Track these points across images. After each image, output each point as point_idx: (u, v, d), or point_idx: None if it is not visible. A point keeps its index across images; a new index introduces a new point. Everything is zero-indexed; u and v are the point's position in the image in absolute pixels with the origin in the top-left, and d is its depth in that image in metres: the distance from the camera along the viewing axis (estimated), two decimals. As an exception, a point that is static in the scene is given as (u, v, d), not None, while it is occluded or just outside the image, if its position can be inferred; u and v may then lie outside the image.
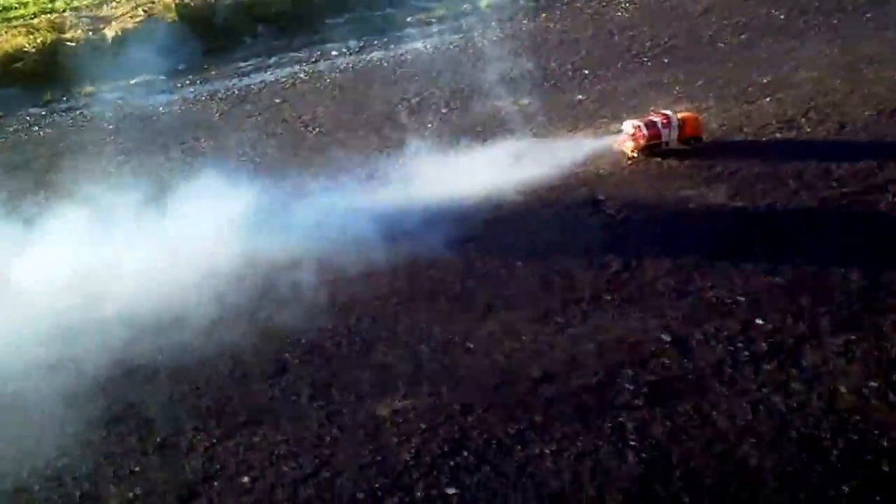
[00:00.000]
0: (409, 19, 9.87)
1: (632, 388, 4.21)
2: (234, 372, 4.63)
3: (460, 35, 9.26)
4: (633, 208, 5.67)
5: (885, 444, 3.74)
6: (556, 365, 4.41)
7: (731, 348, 4.38)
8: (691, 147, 6.29)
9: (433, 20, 9.80)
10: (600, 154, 6.32)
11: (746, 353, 4.34)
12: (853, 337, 4.36)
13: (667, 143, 6.28)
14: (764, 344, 4.39)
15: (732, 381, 4.18)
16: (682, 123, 6.29)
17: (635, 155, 6.28)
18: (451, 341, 4.68)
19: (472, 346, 4.63)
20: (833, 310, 4.57)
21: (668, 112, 6.33)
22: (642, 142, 6.26)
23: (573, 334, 4.62)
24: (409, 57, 8.81)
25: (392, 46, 9.19)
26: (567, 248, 5.35)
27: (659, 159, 6.19)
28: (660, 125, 6.26)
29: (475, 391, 4.30)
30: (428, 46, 9.03)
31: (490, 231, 5.62)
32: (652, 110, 6.49)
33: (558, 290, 4.98)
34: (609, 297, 4.87)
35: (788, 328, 4.48)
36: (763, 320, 4.56)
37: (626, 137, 6.33)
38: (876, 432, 3.80)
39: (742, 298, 4.73)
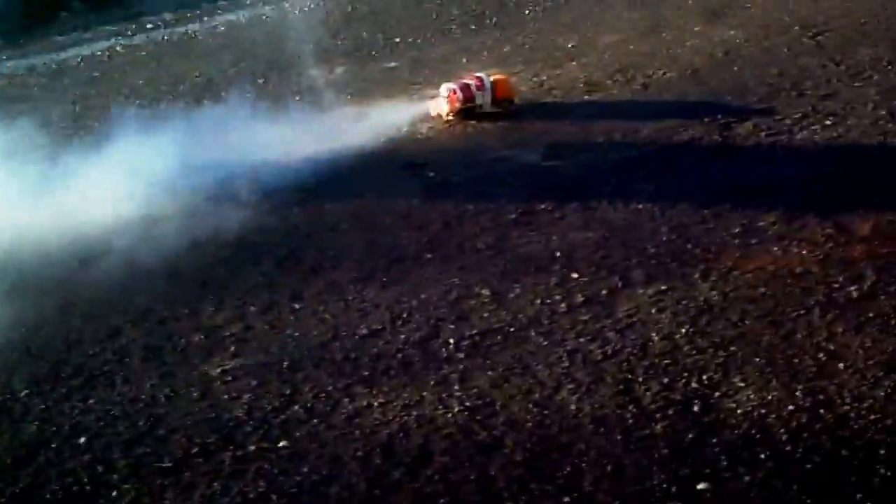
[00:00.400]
0: (223, -9, 9.79)
1: (454, 341, 4.32)
2: (67, 336, 4.59)
3: (272, 6, 9.22)
4: (450, 171, 5.80)
5: (695, 385, 3.95)
6: (381, 322, 4.49)
7: (549, 301, 4.53)
8: (505, 110, 6.41)
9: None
10: (416, 119, 6.40)
11: (563, 305, 4.50)
12: (663, 287, 4.57)
13: (481, 106, 6.42)
14: (580, 296, 4.55)
15: (550, 332, 4.32)
16: (495, 86, 6.42)
17: (451, 118, 6.38)
18: (278, 303, 4.72)
19: (298, 306, 4.68)
20: (644, 262, 4.77)
21: (482, 75, 6.45)
22: (458, 104, 6.39)
23: (397, 292, 4.70)
24: (223, 29, 8.76)
25: (206, 19, 9.12)
26: (389, 211, 5.43)
27: (474, 122, 6.32)
28: (473, 88, 6.39)
29: (303, 349, 4.36)
30: (242, 18, 9.00)
31: (314, 196, 5.67)
32: (466, 74, 6.60)
33: (382, 251, 5.07)
34: (430, 256, 4.98)
35: (602, 280, 4.65)
36: (578, 273, 4.72)
37: (441, 100, 6.43)
38: (685, 375, 4.00)
39: (558, 254, 4.89)
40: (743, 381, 3.95)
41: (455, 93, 6.38)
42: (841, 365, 4.00)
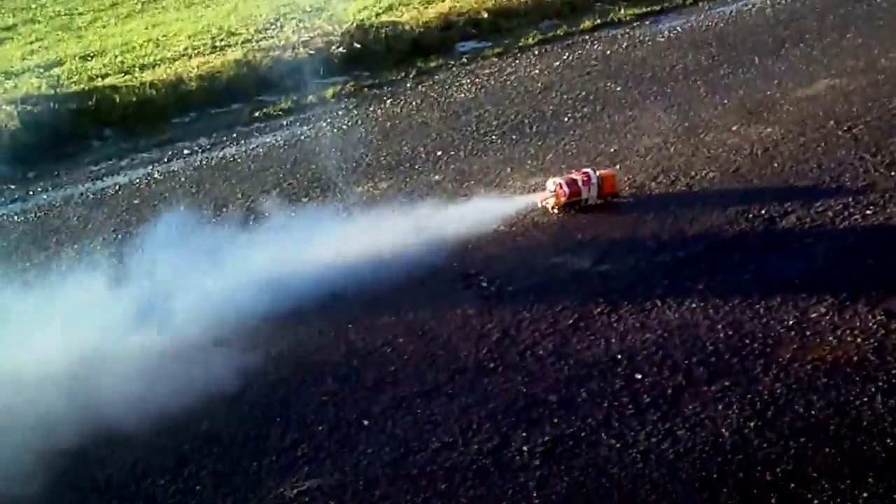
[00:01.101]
0: (255, 114, 9.97)
1: (527, 449, 4.42)
2: (134, 468, 4.69)
3: (309, 126, 9.42)
4: (503, 279, 5.91)
5: (770, 478, 4.04)
6: (452, 434, 4.59)
7: (616, 403, 4.64)
8: (608, 202, 6.76)
9: (280, 113, 9.93)
10: (466, 231, 6.54)
11: (630, 406, 4.60)
12: (727, 383, 4.67)
13: (587, 200, 6.68)
14: (646, 397, 4.66)
15: (621, 434, 4.43)
16: (602, 181, 6.72)
17: (556, 211, 6.68)
18: (346, 420, 4.82)
19: (367, 422, 4.78)
20: (704, 359, 4.88)
21: (589, 170, 6.74)
22: (563, 199, 6.66)
23: (463, 403, 4.81)
24: (261, 151, 8.91)
25: (243, 142, 9.27)
26: (445, 323, 5.55)
27: (524, 230, 6.46)
28: (580, 183, 6.66)
29: (377, 466, 4.46)
30: (279, 139, 9.16)
31: (369, 312, 5.78)
32: (574, 170, 6.95)
33: (442, 363, 5.17)
34: (492, 366, 5.09)
35: (665, 380, 4.76)
36: (641, 374, 4.84)
37: (548, 195, 6.71)
38: (759, 469, 4.10)
39: (619, 356, 5.01)
40: (816, 471, 4.05)
41: (561, 187, 6.65)
42: (883, 449, 4.11)
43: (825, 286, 5.39)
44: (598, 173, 6.74)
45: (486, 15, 12.06)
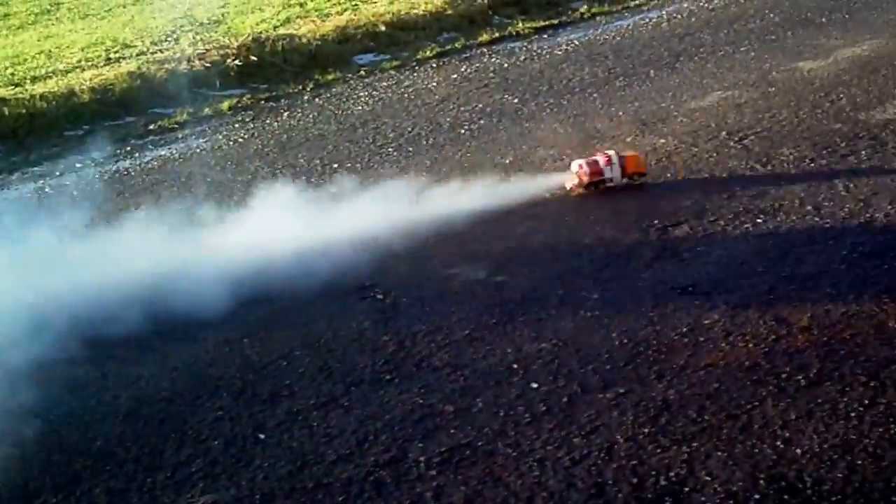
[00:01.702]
0: (150, 127, 9.84)
1: (424, 459, 4.40)
2: (25, 488, 4.58)
3: (205, 139, 9.33)
4: (400, 290, 5.90)
5: (664, 482, 4.08)
6: (348, 446, 4.56)
7: (512, 412, 4.65)
8: (635, 182, 6.93)
9: (175, 126, 9.82)
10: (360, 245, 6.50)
11: (527, 415, 4.61)
12: (621, 390, 4.71)
13: (611, 180, 6.87)
14: (542, 405, 4.67)
15: (517, 443, 4.43)
16: (625, 161, 6.88)
17: (581, 190, 6.89)
18: (242, 434, 4.76)
19: (263, 436, 4.73)
20: (599, 367, 4.91)
21: (611, 152, 6.93)
22: (585, 179, 6.84)
23: (360, 415, 4.78)
24: (156, 164, 8.81)
25: (137, 155, 9.15)
26: (341, 335, 5.52)
27: (420, 242, 6.45)
28: (602, 164, 6.84)
29: (273, 480, 4.41)
30: (174, 152, 9.06)
31: (264, 325, 5.73)
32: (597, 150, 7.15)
33: (339, 376, 5.14)
34: (389, 377, 5.06)
35: (561, 388, 4.78)
36: (537, 384, 4.85)
37: (572, 176, 6.89)
38: (653, 473, 4.13)
39: (515, 366, 5.02)
40: (708, 475, 4.09)
41: (582, 167, 6.84)
42: (798, 451, 4.16)
43: (718, 293, 5.47)
44: (622, 154, 6.98)
45: (383, 28, 12.07)
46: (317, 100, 10.11)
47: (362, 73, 10.96)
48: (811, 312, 5.18)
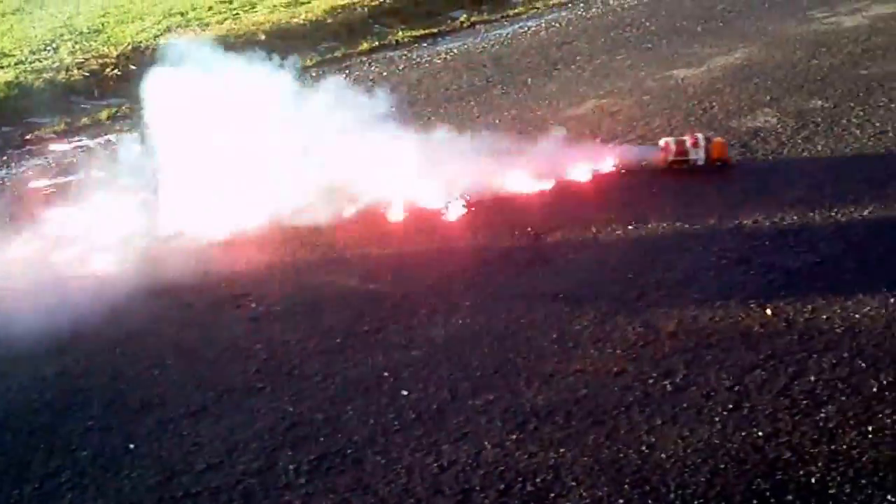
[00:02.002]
0: (27, 137, 9.66)
1: (293, 468, 4.39)
2: None
3: (83, 149, 9.18)
4: (273, 299, 5.89)
5: (531, 488, 4.12)
6: (218, 455, 4.53)
7: (382, 420, 4.65)
8: (717, 168, 7.17)
9: (52, 135, 9.67)
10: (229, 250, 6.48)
11: (396, 423, 4.62)
12: (490, 397, 4.74)
13: (695, 161, 7.14)
14: (411, 413, 4.68)
15: (386, 451, 4.44)
16: (711, 146, 7.16)
17: (663, 166, 7.17)
18: (111, 444, 4.70)
19: (132, 446, 4.67)
20: (469, 374, 4.94)
21: (699, 134, 7.22)
22: (669, 157, 7.12)
23: (230, 424, 4.75)
24: (32, 174, 8.67)
25: (13, 165, 9.00)
26: (214, 344, 5.48)
27: (295, 251, 6.44)
28: (688, 144, 7.13)
29: (142, 490, 4.36)
30: (52, 162, 8.92)
31: (136, 335, 5.67)
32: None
33: (210, 384, 5.10)
34: (260, 386, 5.04)
35: (431, 395, 4.80)
36: (407, 391, 4.86)
37: (657, 152, 7.19)
38: (520, 480, 4.17)
39: (385, 373, 5.02)
40: (574, 480, 4.14)
41: (668, 145, 7.15)
42: (663, 455, 4.24)
43: (588, 300, 5.53)
44: (708, 138, 7.24)
45: (263, 37, 11.99)
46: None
47: (242, 81, 10.85)
48: (679, 318, 5.27)
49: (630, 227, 6.32)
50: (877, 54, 9.50)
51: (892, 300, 5.25)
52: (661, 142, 7.27)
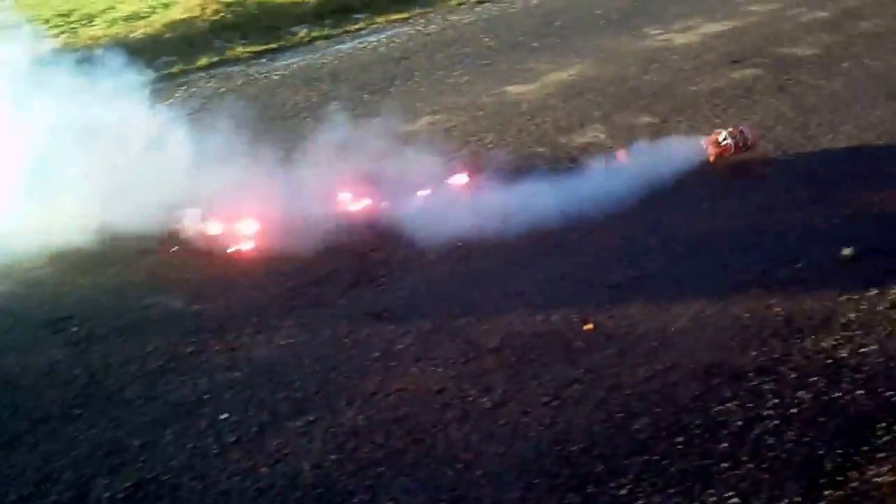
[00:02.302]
0: None
1: (108, 495, 4.32)
2: None
3: None
4: (96, 321, 5.78)
5: (344, 510, 4.15)
6: (30, 485, 4.43)
7: (200, 444, 4.61)
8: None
9: None
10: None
11: (215, 446, 4.59)
12: (311, 418, 4.74)
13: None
14: (230, 436, 4.65)
15: (203, 476, 4.40)
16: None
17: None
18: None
19: (-62, 482, 4.55)
20: (290, 395, 4.94)
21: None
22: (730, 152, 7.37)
23: (45, 453, 4.65)
24: None
25: None
26: (31, 370, 5.37)
27: (120, 272, 6.36)
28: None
29: (-53, 526, 4.26)
30: None
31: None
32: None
33: (25, 412, 4.99)
34: (78, 412, 4.95)
35: (251, 418, 4.78)
36: (227, 414, 4.83)
37: (713, 147, 7.37)
38: (337, 501, 4.18)
39: (206, 396, 4.98)
40: (391, 499, 4.17)
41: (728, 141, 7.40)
42: (478, 472, 4.29)
43: (411, 318, 5.57)
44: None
45: (100, 52, 11.72)
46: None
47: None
48: (501, 335, 5.34)
49: (458, 244, 6.35)
50: (706, 70, 9.75)
51: (704, 313, 5.40)
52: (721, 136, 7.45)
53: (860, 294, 5.48)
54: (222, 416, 4.81)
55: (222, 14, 13.06)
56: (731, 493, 4.08)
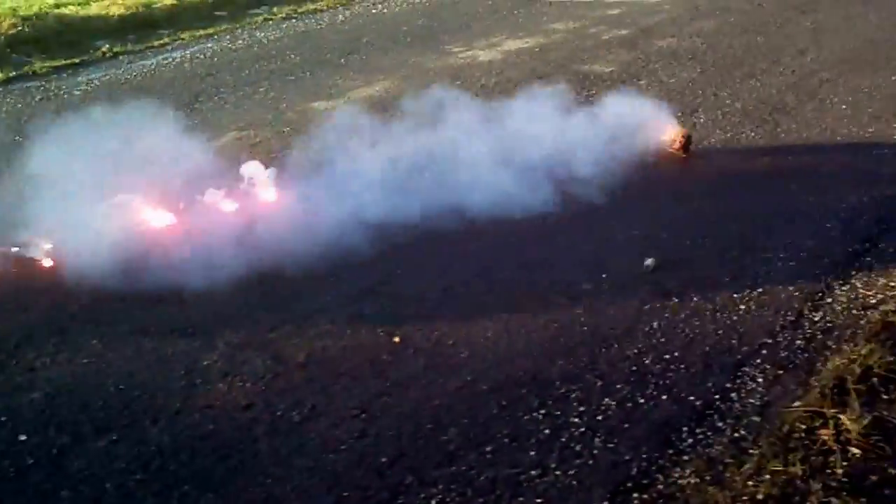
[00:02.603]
0: None
1: None
2: None
3: None
4: None
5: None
6: None
7: (-7, 470, 4.47)
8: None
9: None
10: None
11: (12, 469, 4.44)
12: (115, 437, 4.63)
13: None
14: (29, 458, 4.51)
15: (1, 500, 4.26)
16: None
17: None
18: None
19: None
20: (93, 415, 4.81)
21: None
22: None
23: None
24: None
25: None
26: None
27: None
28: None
29: None
30: None
31: None
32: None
33: None
34: None
35: (53, 438, 4.64)
36: (26, 436, 4.68)
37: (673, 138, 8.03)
38: (141, 521, 4.12)
39: (4, 418, 4.82)
40: (201, 518, 4.12)
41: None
42: (287, 487, 4.27)
43: (218, 334, 5.51)
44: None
45: None
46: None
47: None
48: (309, 349, 5.33)
49: (257, 261, 6.27)
50: (508, 86, 9.92)
51: (511, 325, 5.49)
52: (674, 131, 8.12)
53: (661, 303, 5.66)
54: (21, 438, 4.66)
55: (19, 28, 12.69)
56: (539, 501, 4.16)
